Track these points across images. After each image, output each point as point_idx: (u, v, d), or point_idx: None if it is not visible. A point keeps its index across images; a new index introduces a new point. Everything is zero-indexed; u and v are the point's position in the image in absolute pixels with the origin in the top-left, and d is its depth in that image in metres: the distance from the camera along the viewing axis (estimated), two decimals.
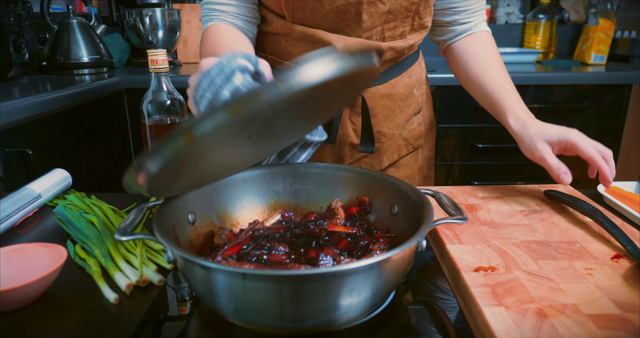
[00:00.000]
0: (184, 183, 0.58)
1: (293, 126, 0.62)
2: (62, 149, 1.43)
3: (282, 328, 0.48)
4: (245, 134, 0.52)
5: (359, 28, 0.84)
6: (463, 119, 1.95)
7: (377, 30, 0.86)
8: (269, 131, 0.56)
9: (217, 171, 0.63)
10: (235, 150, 0.58)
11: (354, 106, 0.93)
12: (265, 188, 0.70)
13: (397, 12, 0.84)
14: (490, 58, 0.92)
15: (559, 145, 0.75)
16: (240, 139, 0.54)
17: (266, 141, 0.61)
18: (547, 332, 0.44)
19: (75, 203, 0.78)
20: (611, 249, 0.61)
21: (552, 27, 2.39)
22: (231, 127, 0.46)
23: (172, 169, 0.49)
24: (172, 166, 0.49)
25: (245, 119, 0.45)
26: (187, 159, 0.50)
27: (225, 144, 0.53)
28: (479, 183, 2.01)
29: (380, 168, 1.01)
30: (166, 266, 0.63)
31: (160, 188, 0.54)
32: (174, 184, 0.56)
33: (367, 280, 0.46)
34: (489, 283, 0.52)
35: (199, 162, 0.54)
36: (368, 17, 0.83)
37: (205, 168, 0.57)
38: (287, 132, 0.63)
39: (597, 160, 0.72)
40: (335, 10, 0.82)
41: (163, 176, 0.50)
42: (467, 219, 0.56)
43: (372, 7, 0.82)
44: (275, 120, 0.51)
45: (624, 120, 1.96)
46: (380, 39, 0.87)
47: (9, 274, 0.58)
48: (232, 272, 0.44)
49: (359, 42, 0.85)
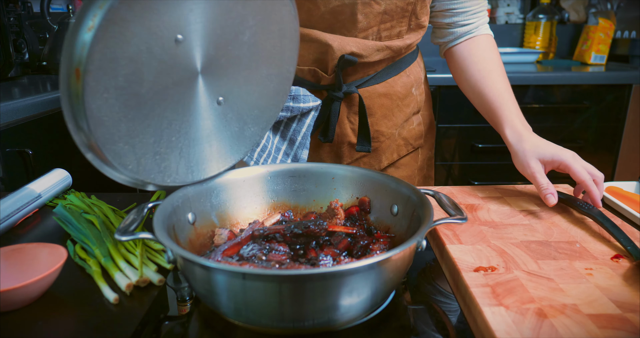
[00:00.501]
0: (137, 131, 0.54)
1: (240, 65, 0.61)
2: (62, 149, 1.43)
3: (282, 328, 0.48)
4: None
5: (354, 28, 0.84)
6: (463, 119, 1.95)
7: (373, 30, 0.86)
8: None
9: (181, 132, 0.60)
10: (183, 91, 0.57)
11: (352, 105, 0.93)
12: (265, 188, 0.70)
13: (392, 12, 0.85)
14: (490, 65, 0.91)
15: (552, 165, 0.76)
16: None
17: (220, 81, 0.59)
18: (547, 332, 0.44)
19: (75, 203, 0.78)
20: (611, 249, 0.61)
21: (552, 27, 2.39)
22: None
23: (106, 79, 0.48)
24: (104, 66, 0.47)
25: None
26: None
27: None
28: (479, 183, 2.01)
29: (379, 168, 1.01)
30: (166, 266, 0.63)
31: (110, 134, 0.51)
32: (125, 131, 0.53)
33: (367, 280, 0.46)
34: (489, 283, 0.52)
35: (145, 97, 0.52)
36: (363, 17, 0.83)
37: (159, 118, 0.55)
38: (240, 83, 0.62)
39: (589, 185, 0.72)
40: (331, 12, 0.82)
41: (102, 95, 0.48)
42: (467, 219, 0.56)
43: (367, 8, 0.82)
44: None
45: (624, 120, 1.97)
46: (377, 38, 0.87)
47: (9, 274, 0.58)
48: (232, 272, 0.44)
49: (355, 41, 0.85)
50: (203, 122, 0.61)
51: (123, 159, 0.53)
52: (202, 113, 0.60)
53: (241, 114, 0.65)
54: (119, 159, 0.53)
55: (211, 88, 0.60)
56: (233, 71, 0.61)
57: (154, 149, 0.57)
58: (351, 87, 0.89)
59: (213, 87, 0.60)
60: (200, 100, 0.59)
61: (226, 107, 0.62)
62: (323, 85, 0.90)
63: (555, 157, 0.75)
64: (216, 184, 0.66)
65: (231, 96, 0.62)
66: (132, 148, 0.54)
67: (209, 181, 0.66)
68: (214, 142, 0.64)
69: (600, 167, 2.31)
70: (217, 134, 0.63)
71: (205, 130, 0.62)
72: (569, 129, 1.98)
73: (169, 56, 0.53)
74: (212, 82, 0.59)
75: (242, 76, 0.62)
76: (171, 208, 0.58)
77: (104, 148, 0.50)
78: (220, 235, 0.63)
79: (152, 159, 0.57)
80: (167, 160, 0.59)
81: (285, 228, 0.61)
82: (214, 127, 0.63)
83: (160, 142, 0.57)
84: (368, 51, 0.86)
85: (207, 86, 0.59)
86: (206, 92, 0.59)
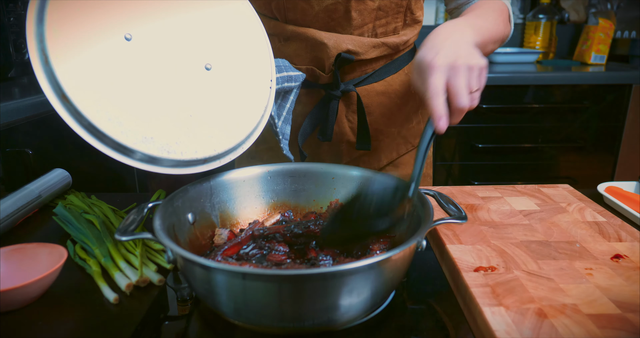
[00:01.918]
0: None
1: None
2: (62, 149, 1.43)
3: (282, 328, 0.48)
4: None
5: (349, 26, 0.84)
6: (463, 119, 1.93)
7: (368, 27, 0.86)
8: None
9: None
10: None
11: (350, 104, 0.93)
12: (265, 188, 0.70)
13: (387, 9, 0.85)
14: (488, 8, 0.84)
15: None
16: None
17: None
18: (547, 332, 0.44)
19: (75, 203, 0.78)
20: (611, 249, 0.61)
21: (552, 27, 2.39)
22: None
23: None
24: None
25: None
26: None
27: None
28: (479, 183, 2.01)
29: (379, 166, 1.01)
30: (166, 266, 0.63)
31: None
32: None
33: (367, 280, 0.46)
34: (489, 283, 0.52)
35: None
36: (357, 14, 0.83)
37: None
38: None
39: (429, 98, 0.60)
40: (325, 10, 0.82)
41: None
42: (467, 219, 0.56)
43: (361, 5, 0.82)
44: None
45: (624, 120, 1.97)
46: (373, 35, 0.87)
47: (9, 274, 0.58)
48: (232, 272, 0.44)
49: (351, 38, 0.85)
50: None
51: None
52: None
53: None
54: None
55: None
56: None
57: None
58: (349, 85, 0.89)
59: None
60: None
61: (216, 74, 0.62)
62: (321, 84, 0.90)
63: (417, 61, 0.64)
64: (216, 184, 0.66)
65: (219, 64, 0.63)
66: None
67: (209, 181, 0.66)
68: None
69: (600, 167, 2.31)
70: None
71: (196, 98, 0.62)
72: (569, 129, 1.98)
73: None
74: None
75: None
76: (171, 208, 0.58)
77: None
78: (220, 235, 0.63)
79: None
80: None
81: (285, 228, 0.61)
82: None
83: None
84: (364, 48, 0.86)
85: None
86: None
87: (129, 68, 0.56)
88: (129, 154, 0.54)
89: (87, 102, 0.52)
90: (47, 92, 0.51)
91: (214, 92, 0.63)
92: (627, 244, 0.62)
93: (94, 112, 0.52)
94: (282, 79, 0.77)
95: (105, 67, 0.54)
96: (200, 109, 0.61)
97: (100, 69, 0.54)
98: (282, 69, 0.77)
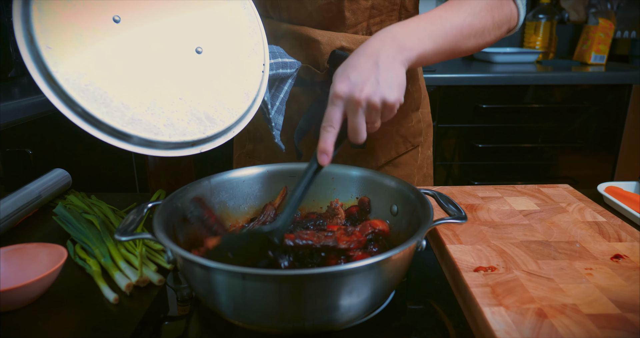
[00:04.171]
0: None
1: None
2: (62, 149, 1.43)
3: (282, 328, 0.48)
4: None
5: (343, 25, 0.85)
6: (463, 119, 1.95)
7: (362, 25, 0.86)
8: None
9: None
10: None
11: None
12: (265, 188, 0.70)
13: (381, 7, 0.85)
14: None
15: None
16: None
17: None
18: (547, 332, 0.44)
19: (75, 203, 0.78)
20: (611, 249, 0.61)
21: (552, 27, 2.39)
22: None
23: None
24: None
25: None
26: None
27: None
28: (479, 183, 2.01)
29: (376, 165, 1.01)
30: (166, 266, 0.63)
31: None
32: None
33: (367, 280, 0.46)
34: (489, 283, 0.52)
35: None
36: (351, 14, 0.83)
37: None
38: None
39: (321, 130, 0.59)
40: (318, 10, 0.82)
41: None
42: (466, 219, 0.56)
43: (354, 4, 0.82)
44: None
45: (624, 120, 1.97)
46: (367, 33, 0.87)
47: (9, 274, 0.58)
48: (232, 272, 0.44)
49: (345, 36, 0.85)
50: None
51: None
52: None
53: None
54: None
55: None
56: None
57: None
58: None
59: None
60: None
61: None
62: (317, 82, 0.90)
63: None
64: (216, 184, 0.66)
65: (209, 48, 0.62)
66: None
67: (209, 181, 0.66)
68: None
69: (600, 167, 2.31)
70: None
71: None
72: (569, 129, 1.98)
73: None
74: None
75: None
76: (171, 208, 0.58)
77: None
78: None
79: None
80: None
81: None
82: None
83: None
84: (358, 45, 0.86)
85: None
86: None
87: (117, 50, 0.55)
88: (126, 139, 0.54)
89: (74, 83, 0.51)
90: (34, 73, 0.50)
91: (205, 75, 0.62)
92: (627, 244, 0.62)
93: (80, 93, 0.51)
94: (277, 65, 0.76)
95: (93, 49, 0.53)
96: (190, 92, 0.60)
97: (87, 51, 0.53)
98: (277, 55, 0.77)
